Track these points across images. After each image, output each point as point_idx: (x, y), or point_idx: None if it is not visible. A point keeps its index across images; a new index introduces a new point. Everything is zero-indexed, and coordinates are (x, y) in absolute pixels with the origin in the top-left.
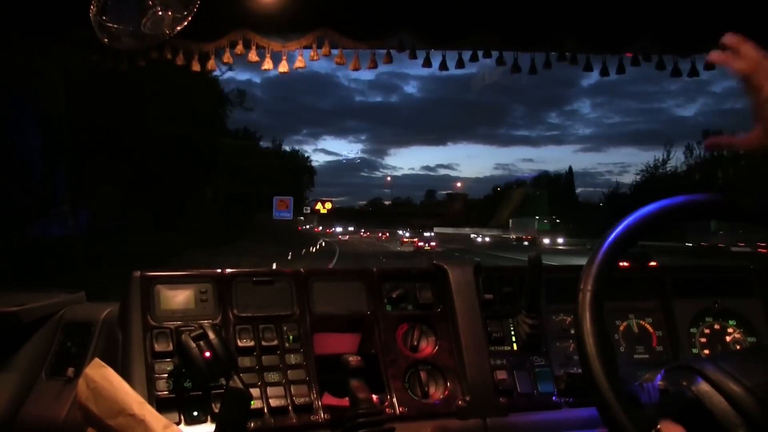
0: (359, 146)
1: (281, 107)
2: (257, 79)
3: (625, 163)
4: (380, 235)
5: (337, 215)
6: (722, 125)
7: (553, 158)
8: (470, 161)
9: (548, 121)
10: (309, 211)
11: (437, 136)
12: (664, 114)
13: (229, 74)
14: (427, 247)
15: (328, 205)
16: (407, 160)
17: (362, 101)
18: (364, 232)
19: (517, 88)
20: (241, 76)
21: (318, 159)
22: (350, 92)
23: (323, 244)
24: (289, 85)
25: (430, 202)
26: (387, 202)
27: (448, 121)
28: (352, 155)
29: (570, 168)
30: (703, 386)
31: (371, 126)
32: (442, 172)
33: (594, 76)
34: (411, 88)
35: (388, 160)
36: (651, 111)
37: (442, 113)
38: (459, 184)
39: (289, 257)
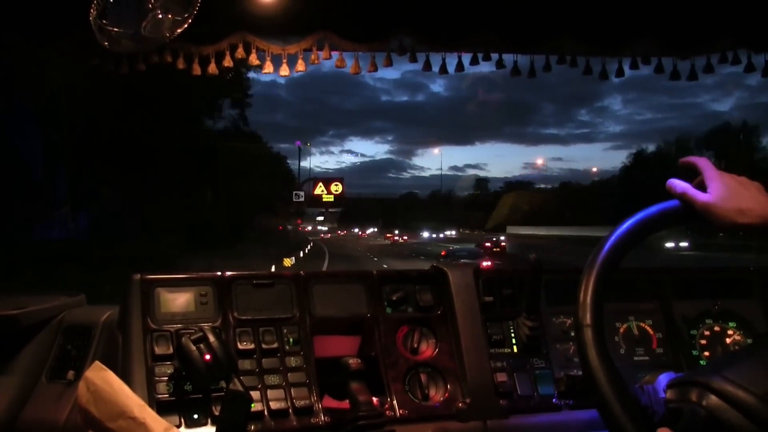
0: (386, 147)
1: (307, 108)
2: (281, 80)
3: None
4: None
5: (364, 213)
6: (758, 120)
7: (582, 157)
8: (498, 161)
9: (578, 118)
10: (301, 198)
11: (464, 136)
12: (698, 109)
13: (252, 75)
14: (401, 241)
15: (337, 188)
16: (434, 160)
17: (388, 101)
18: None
19: (546, 86)
20: (265, 77)
21: (344, 160)
22: (376, 92)
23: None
24: (314, 86)
25: (485, 194)
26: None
27: (475, 120)
28: (379, 156)
29: (745, 123)
30: (714, 400)
31: (398, 126)
32: (470, 172)
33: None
34: (437, 87)
35: (416, 161)
36: (685, 106)
37: (470, 112)
38: (540, 162)
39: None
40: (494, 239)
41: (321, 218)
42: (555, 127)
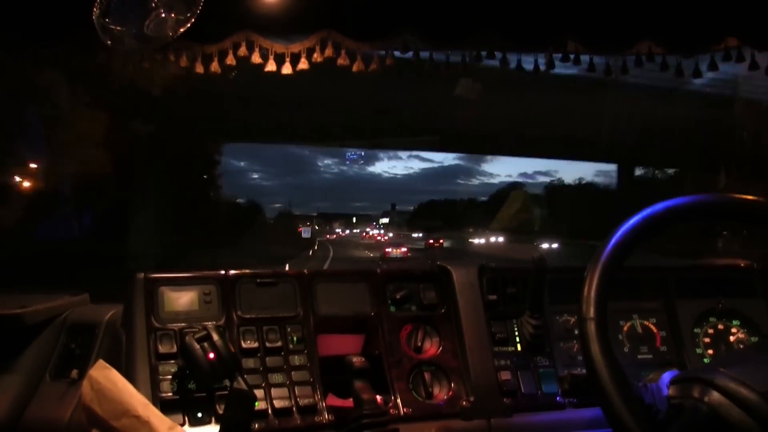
0: (455, 152)
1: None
2: None
3: None
4: None
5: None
6: None
7: None
8: (570, 167)
9: None
10: None
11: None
12: None
13: None
14: (383, 240)
15: None
16: (504, 167)
17: None
18: None
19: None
20: None
21: (413, 166)
22: None
23: None
24: None
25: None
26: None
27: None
28: (447, 162)
29: None
30: (716, 397)
31: None
32: (540, 179)
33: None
34: None
35: (485, 167)
36: None
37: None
38: None
39: None
40: (435, 237)
41: (386, 220)
42: None
